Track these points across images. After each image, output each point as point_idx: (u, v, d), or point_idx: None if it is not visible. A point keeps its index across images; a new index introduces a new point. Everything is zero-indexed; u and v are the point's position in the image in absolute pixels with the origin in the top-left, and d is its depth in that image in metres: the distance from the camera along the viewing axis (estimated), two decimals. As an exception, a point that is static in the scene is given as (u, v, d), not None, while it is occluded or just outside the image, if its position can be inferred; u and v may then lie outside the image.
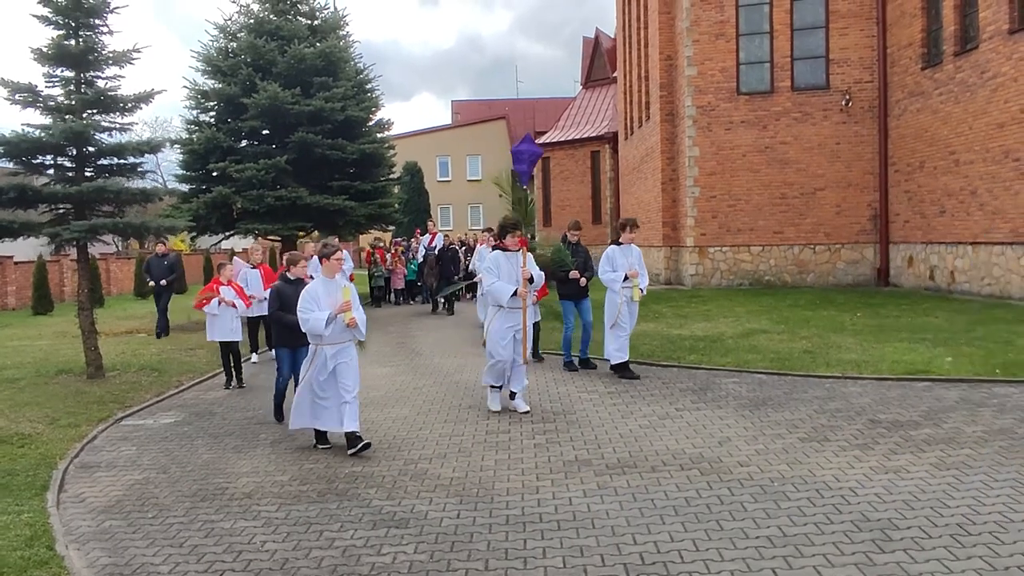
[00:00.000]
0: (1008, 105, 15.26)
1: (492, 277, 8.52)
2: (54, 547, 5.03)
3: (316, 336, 7.14)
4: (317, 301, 7.10)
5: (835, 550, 4.61)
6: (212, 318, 10.59)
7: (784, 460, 6.37)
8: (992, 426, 7.05)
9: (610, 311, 10.17)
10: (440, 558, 4.77)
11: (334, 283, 7.29)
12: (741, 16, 21.17)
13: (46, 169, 11.12)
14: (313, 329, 7.04)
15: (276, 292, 8.21)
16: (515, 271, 8.51)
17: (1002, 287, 15.67)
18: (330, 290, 7.21)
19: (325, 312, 7.01)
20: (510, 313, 8.48)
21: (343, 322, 7.09)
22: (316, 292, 7.19)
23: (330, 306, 7.07)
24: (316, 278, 7.37)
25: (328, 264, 7.30)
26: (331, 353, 7.16)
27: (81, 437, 8.03)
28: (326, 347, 7.16)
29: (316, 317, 7.00)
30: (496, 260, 8.65)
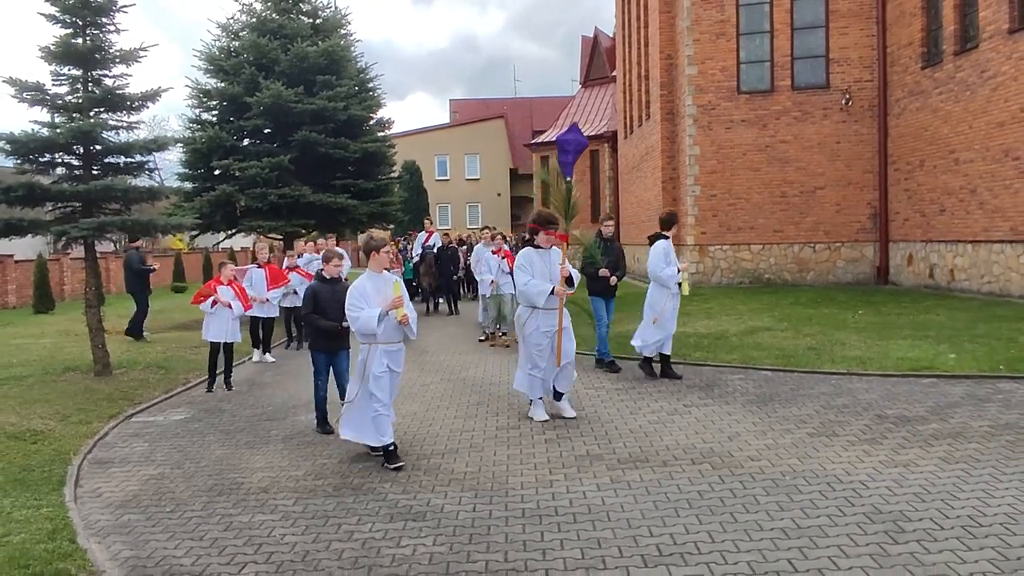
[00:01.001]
0: (1008, 104, 15.35)
1: (525, 275, 7.92)
2: (76, 540, 5.08)
3: (368, 335, 6.69)
4: (366, 298, 6.67)
5: (849, 541, 4.68)
6: (209, 317, 10.28)
7: (794, 454, 6.45)
8: (998, 421, 7.13)
9: (656, 306, 9.66)
10: (459, 550, 4.84)
11: (382, 278, 6.86)
12: (741, 15, 21.24)
13: (54, 167, 11.15)
14: (364, 328, 6.59)
15: (312, 293, 7.73)
16: (550, 269, 7.97)
17: (1002, 285, 15.77)
18: (379, 286, 6.79)
19: (375, 309, 6.59)
20: (545, 315, 7.90)
21: (395, 319, 6.66)
22: (364, 288, 6.74)
23: (380, 303, 6.66)
24: (364, 274, 6.88)
25: (377, 258, 6.86)
26: (386, 351, 6.72)
27: (93, 434, 8.08)
28: (382, 345, 6.71)
29: (367, 315, 6.57)
30: (528, 257, 8.04)
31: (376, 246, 6.88)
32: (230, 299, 10.26)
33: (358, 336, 6.77)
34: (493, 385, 10.03)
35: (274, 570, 4.65)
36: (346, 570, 4.61)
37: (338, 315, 7.37)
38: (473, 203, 53.02)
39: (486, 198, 52.81)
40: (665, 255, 9.61)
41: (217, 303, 10.11)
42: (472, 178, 53.47)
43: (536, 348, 7.88)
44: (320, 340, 7.81)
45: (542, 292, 7.76)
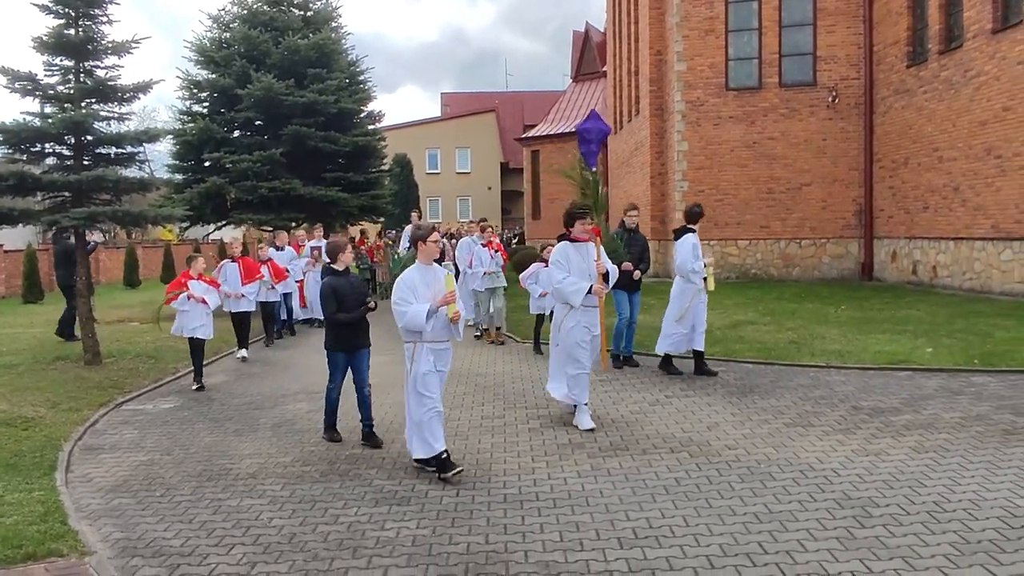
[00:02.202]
0: (991, 103, 15.58)
1: (562, 272, 7.36)
2: (67, 522, 5.21)
3: (414, 333, 6.20)
4: (415, 291, 6.15)
5: (818, 525, 4.86)
6: (181, 313, 9.84)
7: (770, 443, 6.63)
8: (969, 413, 7.33)
9: (681, 303, 9.43)
10: (442, 532, 4.99)
11: (431, 270, 6.37)
12: (730, 12, 21.41)
13: (45, 157, 11.22)
14: (412, 324, 6.06)
15: (330, 289, 7.09)
16: (587, 265, 7.47)
17: (983, 281, 16.02)
18: (427, 279, 6.28)
19: (424, 304, 6.07)
20: (585, 313, 7.41)
21: (446, 316, 6.19)
22: (413, 281, 6.21)
23: (429, 297, 6.16)
24: (412, 266, 6.41)
25: (425, 249, 6.36)
26: (432, 349, 6.26)
27: (83, 421, 8.19)
28: (428, 344, 6.24)
29: (416, 311, 6.03)
30: (565, 253, 7.47)
31: (423, 235, 6.36)
32: (203, 292, 9.92)
33: (402, 333, 6.26)
34: (479, 376, 10.17)
35: (261, 551, 4.80)
36: (331, 551, 4.76)
37: (357, 308, 7.11)
38: (464, 197, 53.10)
39: (477, 192, 52.90)
40: (694, 249, 9.33)
41: (191, 298, 9.73)
42: (463, 172, 53.55)
43: (580, 344, 7.38)
44: (340, 339, 7.16)
45: (579, 291, 7.25)
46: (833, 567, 4.28)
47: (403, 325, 6.12)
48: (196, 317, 9.84)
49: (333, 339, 7.20)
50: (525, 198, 40.90)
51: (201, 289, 9.90)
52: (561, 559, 4.54)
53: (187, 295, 9.72)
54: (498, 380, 9.86)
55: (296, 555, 4.72)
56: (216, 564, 4.63)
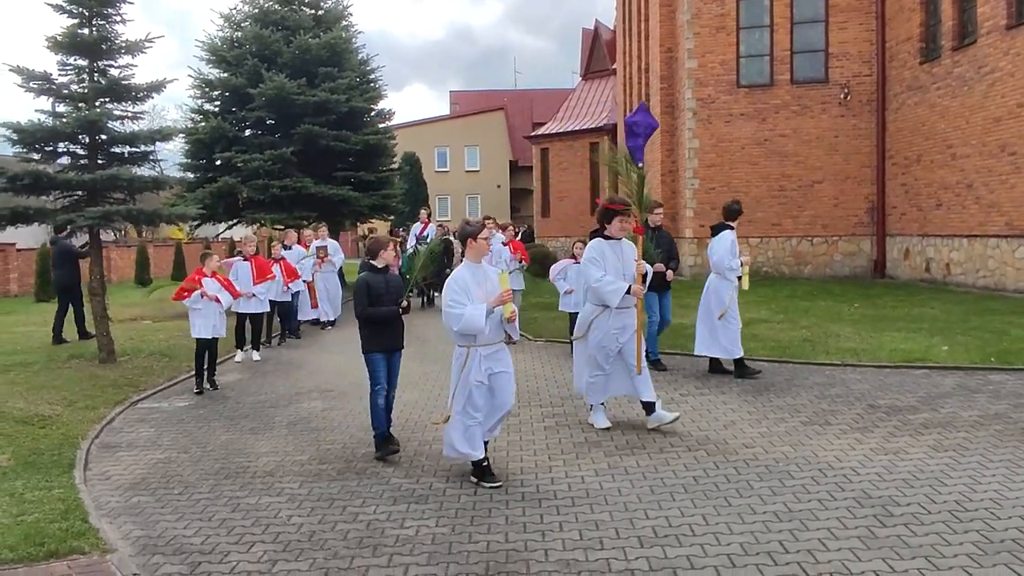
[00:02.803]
0: (1005, 100, 15.48)
1: (599, 271, 6.97)
2: (88, 520, 5.22)
3: (468, 337, 5.88)
4: (467, 292, 5.83)
5: (839, 524, 4.83)
6: (194, 312, 9.60)
7: (787, 442, 6.60)
8: (987, 411, 7.29)
9: (720, 301, 9.20)
10: (461, 531, 4.99)
11: (482, 269, 6.07)
12: (741, 9, 21.35)
13: (59, 156, 11.26)
14: (469, 327, 5.72)
15: (365, 285, 6.69)
16: (622, 264, 7.09)
17: (997, 279, 15.93)
18: (478, 278, 5.95)
19: (481, 306, 5.75)
20: (618, 315, 7.05)
21: (501, 316, 5.88)
22: (465, 281, 5.88)
23: (482, 297, 5.85)
24: (462, 264, 6.16)
25: (475, 246, 6.04)
26: (485, 354, 5.91)
27: (100, 419, 8.22)
28: (480, 348, 5.91)
29: (472, 312, 5.70)
30: (600, 250, 7.08)
31: (473, 232, 6.02)
32: (217, 291, 9.70)
33: (454, 338, 5.97)
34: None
35: (281, 549, 4.81)
36: (351, 549, 4.77)
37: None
38: (472, 195, 53.10)
39: (486, 190, 52.89)
40: (732, 247, 9.16)
41: (205, 296, 9.51)
42: (472, 170, 53.55)
43: (602, 351, 7.08)
44: (377, 339, 6.71)
45: (617, 291, 6.89)
46: (856, 566, 4.26)
47: (459, 328, 5.75)
48: (208, 316, 9.61)
49: (369, 340, 6.75)
50: (534, 196, 40.85)
51: (215, 287, 9.71)
52: (582, 557, 4.53)
53: (200, 293, 9.51)
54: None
55: (316, 553, 4.73)
56: (237, 562, 4.64)
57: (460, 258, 19.47)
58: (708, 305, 9.37)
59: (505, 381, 5.99)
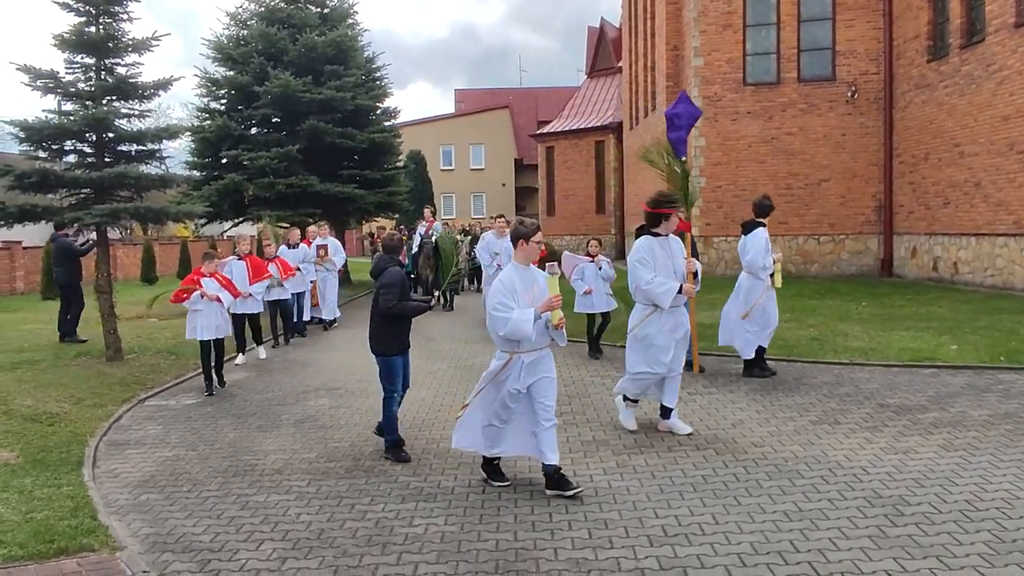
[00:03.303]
0: (1013, 98, 15.41)
1: (648, 271, 6.69)
2: (97, 517, 5.23)
3: (511, 342, 5.57)
4: (514, 295, 5.51)
5: (849, 524, 4.81)
6: (193, 313, 9.36)
7: (796, 441, 6.58)
8: (997, 410, 7.25)
9: (749, 299, 8.96)
10: (470, 529, 4.99)
11: (529, 272, 5.71)
12: (748, 7, 21.28)
13: (66, 154, 11.28)
14: (516, 332, 5.41)
15: (400, 280, 6.56)
16: (672, 262, 6.84)
17: (1005, 278, 15.86)
18: (526, 281, 5.63)
19: (529, 310, 5.44)
20: (670, 315, 6.79)
21: (549, 322, 5.60)
22: (512, 283, 5.56)
23: (529, 301, 5.54)
24: (509, 266, 5.78)
25: (527, 249, 5.67)
26: (528, 362, 5.61)
27: (107, 416, 8.23)
28: (524, 355, 5.61)
29: (519, 317, 5.39)
30: (650, 249, 6.78)
31: (528, 233, 5.67)
32: (217, 291, 9.47)
33: (499, 342, 5.68)
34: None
35: (291, 547, 4.80)
36: (361, 547, 4.76)
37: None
38: (478, 193, 53.09)
39: (491, 188, 52.88)
40: (767, 244, 8.92)
41: (205, 297, 9.29)
42: (477, 168, 53.54)
43: (659, 350, 6.78)
44: (396, 339, 6.61)
45: (669, 291, 6.63)
46: (867, 566, 4.24)
47: (505, 333, 5.45)
48: (210, 317, 9.38)
49: (388, 340, 6.55)
50: (540, 194, 40.82)
51: (214, 288, 9.48)
52: (591, 556, 4.52)
53: (200, 293, 9.28)
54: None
55: (325, 551, 4.72)
56: (246, 560, 4.64)
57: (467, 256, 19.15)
58: (737, 303, 9.13)
59: (546, 387, 5.65)
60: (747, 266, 9.02)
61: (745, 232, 9.13)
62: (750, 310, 8.91)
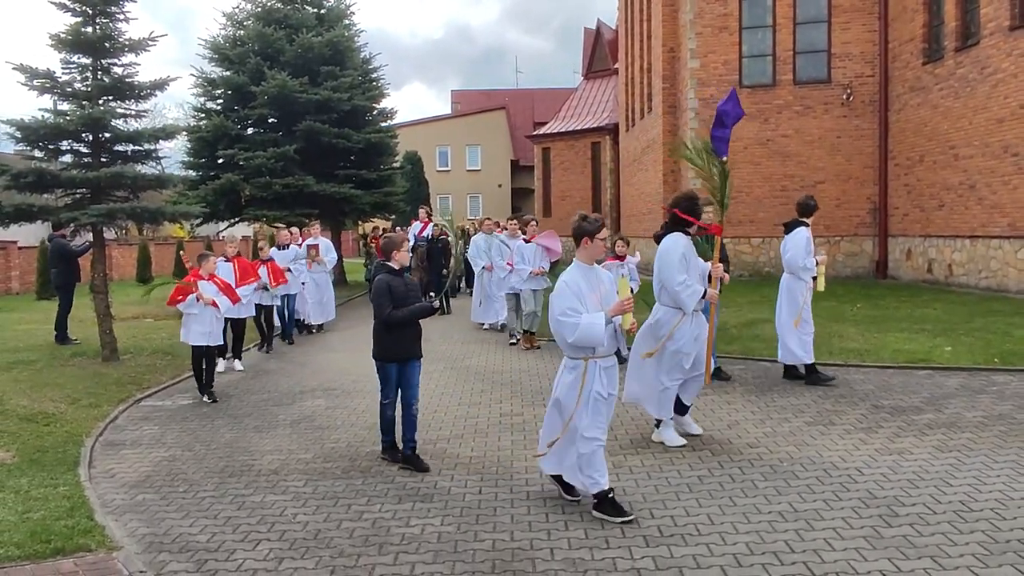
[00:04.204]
0: (1008, 101, 15.47)
1: (682, 273, 6.45)
2: (93, 517, 5.23)
3: (583, 348, 5.16)
4: (582, 298, 5.12)
5: (844, 524, 4.84)
6: (188, 317, 9.01)
7: (791, 442, 6.61)
8: (992, 412, 7.29)
9: (794, 304, 8.70)
10: (467, 529, 5.00)
11: (593, 272, 5.32)
12: (744, 9, 21.33)
13: (63, 154, 11.27)
14: (587, 338, 5.02)
15: (387, 287, 6.28)
16: (701, 265, 6.71)
17: (999, 280, 15.92)
18: (591, 283, 5.25)
19: (600, 314, 5.07)
20: (696, 319, 6.63)
21: (620, 327, 5.24)
22: (578, 285, 5.16)
23: (595, 303, 5.17)
24: (573, 267, 5.32)
25: (592, 247, 5.29)
26: (605, 367, 5.23)
27: (103, 416, 8.23)
28: (599, 360, 5.22)
29: (590, 322, 5.00)
30: (688, 247, 6.61)
31: (591, 229, 5.27)
32: (214, 295, 9.07)
33: (567, 349, 5.24)
34: (496, 373, 10.18)
35: (287, 547, 4.81)
36: (357, 547, 4.77)
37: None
38: (474, 194, 53.07)
39: (487, 189, 52.85)
40: (807, 245, 8.68)
41: (201, 300, 8.91)
42: (473, 169, 53.52)
43: (686, 356, 6.58)
44: (391, 347, 6.35)
45: (695, 294, 6.45)
46: (862, 566, 4.26)
47: (575, 339, 5.04)
48: (205, 322, 9.00)
49: (383, 348, 6.36)
50: (536, 195, 40.86)
51: (211, 291, 9.07)
52: (587, 556, 4.54)
53: (196, 296, 8.90)
54: (515, 377, 9.86)
55: (322, 551, 4.73)
56: (243, 560, 4.65)
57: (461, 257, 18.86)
58: (783, 308, 8.88)
59: (609, 404, 5.27)
60: (787, 265, 8.83)
61: (787, 231, 8.95)
62: (799, 315, 8.65)
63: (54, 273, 14.03)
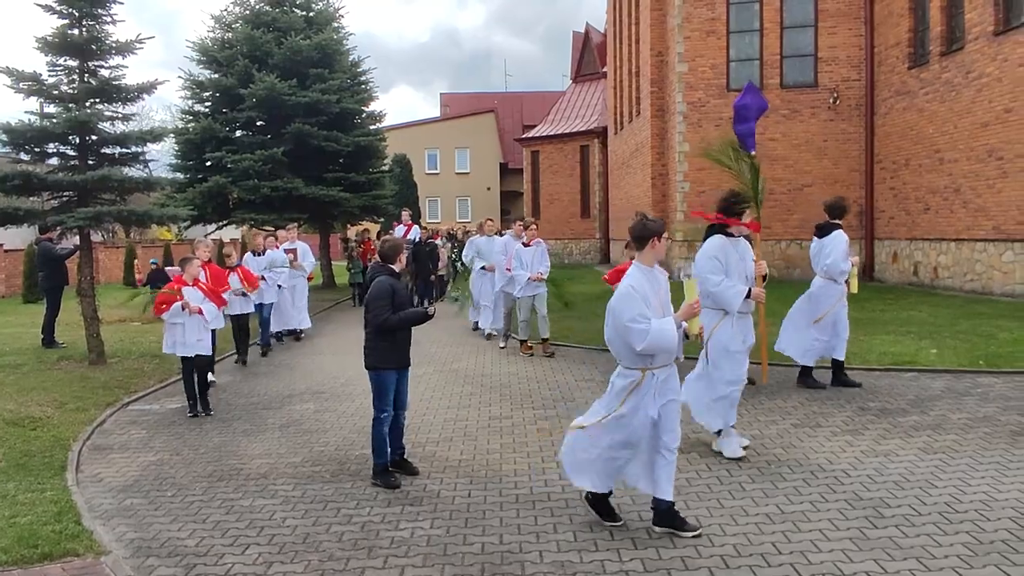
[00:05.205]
0: (992, 105, 15.61)
1: (718, 274, 6.23)
2: (81, 522, 5.22)
3: (643, 357, 4.80)
4: (648, 302, 4.78)
5: (831, 526, 4.88)
6: (172, 327, 8.47)
7: (779, 444, 6.65)
8: (976, 414, 7.35)
9: (822, 306, 8.55)
10: (456, 532, 5.01)
11: (654, 275, 4.96)
12: (732, 14, 21.44)
13: (49, 157, 11.22)
14: (658, 345, 4.68)
15: (391, 290, 5.99)
16: (743, 264, 6.45)
17: (984, 283, 16.06)
18: (654, 285, 4.91)
19: (669, 319, 4.78)
20: (740, 319, 6.41)
21: (688, 333, 4.99)
22: (643, 289, 4.80)
23: (658, 308, 4.83)
24: (633, 268, 4.98)
25: (658, 247, 4.95)
26: (663, 378, 4.87)
27: (90, 421, 8.19)
28: (658, 371, 4.86)
29: (662, 328, 4.66)
30: (723, 249, 6.35)
31: (657, 230, 4.94)
32: (200, 302, 8.58)
33: (626, 358, 4.87)
34: (485, 376, 10.19)
35: (277, 551, 4.81)
36: (347, 551, 4.77)
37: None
38: (463, 197, 53.09)
39: (476, 192, 52.89)
40: (844, 246, 8.42)
41: (186, 309, 8.39)
42: (462, 172, 53.54)
43: (736, 355, 6.39)
44: (391, 353, 6.06)
45: (739, 294, 6.24)
46: (848, 567, 4.30)
47: (644, 348, 4.68)
48: (191, 331, 8.45)
49: (383, 354, 6.03)
50: (525, 198, 40.89)
51: (197, 298, 8.57)
52: (576, 559, 4.56)
53: (181, 305, 8.40)
54: (504, 380, 9.88)
55: (311, 555, 4.73)
56: (232, 564, 4.64)
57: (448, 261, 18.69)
58: (805, 307, 8.72)
59: (673, 412, 4.93)
60: (826, 270, 8.53)
61: (820, 235, 8.65)
62: (823, 316, 8.52)
63: (41, 276, 13.95)
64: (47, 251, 13.46)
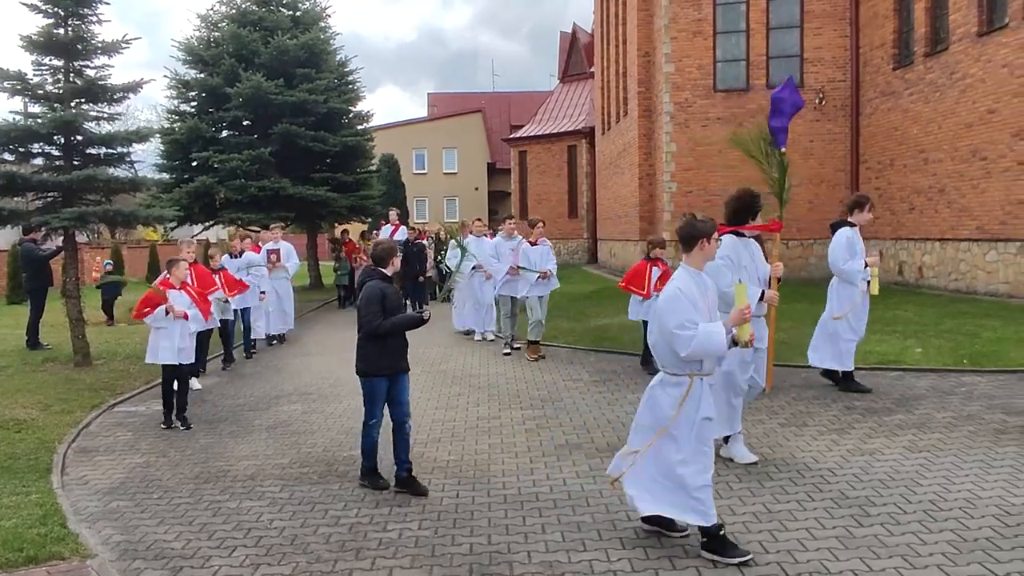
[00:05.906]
0: (976, 105, 15.74)
1: (731, 274, 5.97)
2: (67, 525, 5.19)
3: (691, 363, 4.59)
4: (696, 306, 4.58)
5: (817, 524, 4.91)
6: (156, 332, 8.00)
7: (766, 443, 6.68)
8: (960, 412, 7.41)
9: (840, 306, 8.42)
10: (444, 533, 5.01)
11: (702, 278, 4.79)
12: (718, 14, 21.51)
13: (34, 157, 11.14)
14: (707, 350, 4.49)
15: (381, 294, 5.81)
16: (756, 266, 6.35)
17: (968, 282, 16.18)
18: (702, 288, 4.72)
19: (718, 324, 4.57)
20: (754, 323, 5.77)
21: (738, 340, 4.74)
22: (692, 292, 4.62)
23: (705, 312, 4.62)
24: (681, 270, 4.77)
25: (709, 249, 4.78)
26: (711, 383, 4.76)
27: (76, 423, 8.14)
28: (705, 378, 4.68)
29: (710, 331, 4.46)
30: (735, 250, 6.20)
31: (708, 231, 4.75)
32: (186, 307, 8.08)
33: (671, 364, 4.65)
34: (473, 377, 10.19)
35: (264, 553, 4.79)
36: (334, 553, 4.76)
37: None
38: (451, 197, 53.04)
39: (464, 192, 52.85)
40: (849, 245, 8.25)
41: (171, 313, 7.90)
42: (450, 172, 53.49)
43: (744, 362, 6.17)
44: (383, 358, 5.85)
45: (751, 296, 5.78)
46: (834, 566, 4.33)
47: (690, 353, 4.47)
48: (175, 337, 7.98)
49: (373, 360, 5.84)
50: (513, 198, 40.89)
51: (184, 302, 8.09)
52: (564, 559, 4.56)
53: (165, 309, 7.92)
54: (492, 380, 9.88)
55: (299, 557, 4.72)
56: (219, 566, 4.62)
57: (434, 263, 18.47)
58: (826, 314, 8.61)
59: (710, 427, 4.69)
60: (831, 269, 8.55)
61: (832, 233, 8.63)
62: (846, 312, 8.33)
63: (25, 278, 13.86)
64: (30, 252, 13.34)
